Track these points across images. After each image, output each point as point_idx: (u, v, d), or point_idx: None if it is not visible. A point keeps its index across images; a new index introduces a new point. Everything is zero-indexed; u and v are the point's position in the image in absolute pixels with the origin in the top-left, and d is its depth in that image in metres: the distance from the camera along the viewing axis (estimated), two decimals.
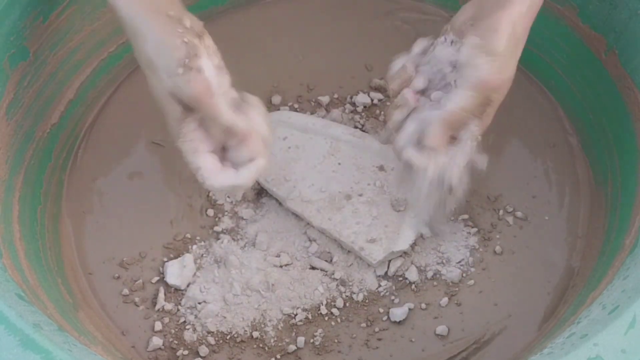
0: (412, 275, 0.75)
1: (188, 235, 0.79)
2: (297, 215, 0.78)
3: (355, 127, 0.83)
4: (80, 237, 0.79)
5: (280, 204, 0.79)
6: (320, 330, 0.73)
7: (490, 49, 0.60)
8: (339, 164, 0.78)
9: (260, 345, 0.73)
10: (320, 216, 0.76)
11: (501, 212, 0.79)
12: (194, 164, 0.62)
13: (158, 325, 0.73)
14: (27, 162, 0.75)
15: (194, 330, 0.73)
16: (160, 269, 0.77)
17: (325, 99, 0.86)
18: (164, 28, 0.59)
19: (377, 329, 0.73)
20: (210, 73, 0.60)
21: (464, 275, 0.75)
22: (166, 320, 0.74)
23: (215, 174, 0.62)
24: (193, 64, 0.58)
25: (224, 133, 0.62)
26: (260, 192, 0.81)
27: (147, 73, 0.61)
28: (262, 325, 0.73)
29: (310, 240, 0.77)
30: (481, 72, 0.61)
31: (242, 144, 0.63)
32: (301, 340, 0.72)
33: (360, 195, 0.77)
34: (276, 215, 0.79)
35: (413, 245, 0.76)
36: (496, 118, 0.84)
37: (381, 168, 0.78)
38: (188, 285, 0.75)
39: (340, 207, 0.76)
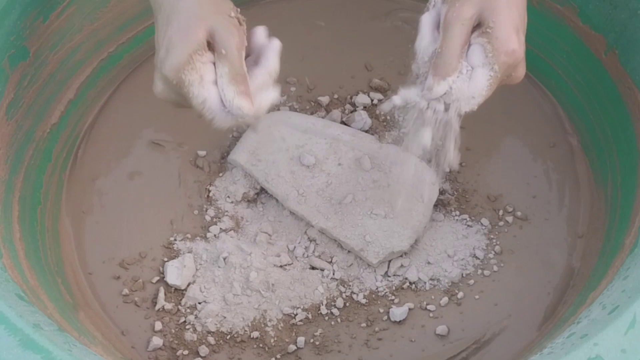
0: (412, 275, 0.75)
1: (188, 235, 0.79)
2: (297, 216, 0.78)
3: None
4: (80, 237, 0.79)
5: (280, 204, 0.79)
6: (320, 330, 0.73)
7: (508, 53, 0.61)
8: (339, 164, 0.78)
9: (261, 345, 0.73)
10: (320, 216, 0.76)
11: (501, 212, 0.79)
12: (200, 96, 0.61)
13: (158, 325, 0.73)
14: (27, 162, 0.75)
15: (194, 330, 0.73)
16: (161, 268, 0.77)
17: (325, 99, 0.86)
18: None
19: (377, 329, 0.73)
20: (244, 33, 0.62)
21: (464, 275, 0.75)
22: (166, 320, 0.74)
23: (220, 110, 0.61)
24: (240, 20, 0.62)
25: (229, 78, 0.61)
26: (260, 192, 0.81)
27: (180, 7, 0.61)
28: (262, 325, 0.73)
29: (310, 240, 0.77)
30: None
31: (239, 98, 0.61)
32: (301, 340, 0.72)
33: (360, 195, 0.77)
34: (276, 215, 0.79)
35: (413, 245, 0.76)
36: (496, 118, 0.84)
37: (380, 168, 0.78)
38: (188, 285, 0.75)
39: (340, 207, 0.76)
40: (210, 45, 0.60)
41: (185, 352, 0.72)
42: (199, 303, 0.74)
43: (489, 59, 0.62)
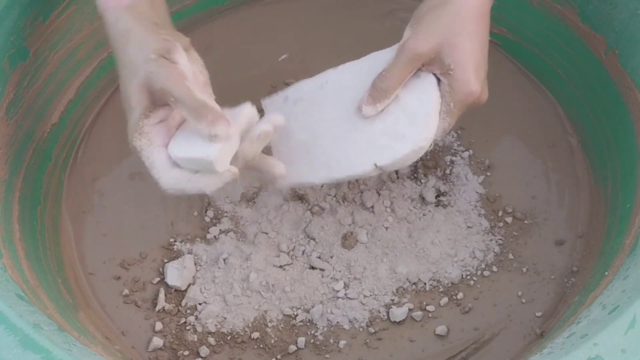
0: (412, 275, 0.75)
1: (188, 236, 0.79)
2: (297, 216, 0.78)
3: None
4: (80, 237, 0.79)
5: (280, 203, 0.79)
6: (320, 330, 0.73)
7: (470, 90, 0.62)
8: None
9: (261, 345, 0.73)
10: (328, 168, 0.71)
11: (501, 212, 0.79)
12: (149, 159, 0.61)
13: (159, 326, 0.73)
14: (27, 162, 0.75)
15: (195, 330, 0.73)
16: (161, 269, 0.77)
17: None
18: (149, 29, 0.61)
19: (377, 329, 0.73)
20: (185, 66, 0.61)
21: (464, 275, 0.75)
22: (167, 320, 0.74)
23: (166, 170, 0.60)
24: (169, 56, 0.60)
25: (196, 115, 0.59)
26: (258, 192, 0.81)
27: (122, 72, 0.61)
28: (263, 326, 0.73)
29: (310, 240, 0.77)
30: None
31: (215, 122, 0.59)
32: (301, 340, 0.72)
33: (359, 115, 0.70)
34: (275, 215, 0.79)
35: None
36: (496, 118, 0.84)
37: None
38: (188, 286, 0.75)
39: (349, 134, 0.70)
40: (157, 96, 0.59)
41: (186, 352, 0.72)
42: (199, 304, 0.74)
43: (446, 98, 0.63)
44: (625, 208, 0.70)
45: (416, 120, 0.64)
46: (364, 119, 0.66)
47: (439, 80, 0.64)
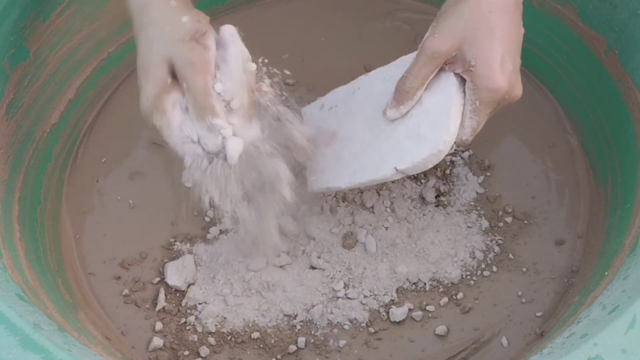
0: (412, 275, 0.75)
1: (188, 236, 0.79)
2: (297, 216, 0.78)
3: None
4: (80, 237, 0.79)
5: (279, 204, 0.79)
6: (320, 330, 0.73)
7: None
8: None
9: (261, 345, 0.73)
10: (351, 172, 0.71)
11: (501, 212, 0.79)
12: (170, 141, 0.60)
13: (159, 326, 0.73)
14: (27, 162, 0.75)
15: (195, 330, 0.73)
16: (161, 269, 0.77)
17: None
18: (182, 5, 0.60)
19: (377, 329, 0.73)
20: (214, 54, 0.60)
21: (464, 276, 0.75)
22: (167, 320, 0.74)
23: (183, 143, 0.60)
24: (201, 40, 0.59)
25: (198, 114, 0.59)
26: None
27: (141, 38, 0.59)
28: (263, 326, 0.73)
29: (310, 240, 0.77)
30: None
31: (211, 131, 0.60)
32: (302, 340, 0.72)
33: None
34: (276, 215, 0.78)
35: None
36: (496, 118, 0.84)
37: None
38: (188, 286, 0.75)
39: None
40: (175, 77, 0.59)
41: (186, 352, 0.72)
42: (200, 304, 0.74)
43: (471, 96, 0.61)
44: (625, 208, 0.70)
45: (436, 122, 0.63)
46: (390, 123, 0.66)
47: (464, 80, 0.63)
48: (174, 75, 0.59)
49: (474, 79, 0.61)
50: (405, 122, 0.65)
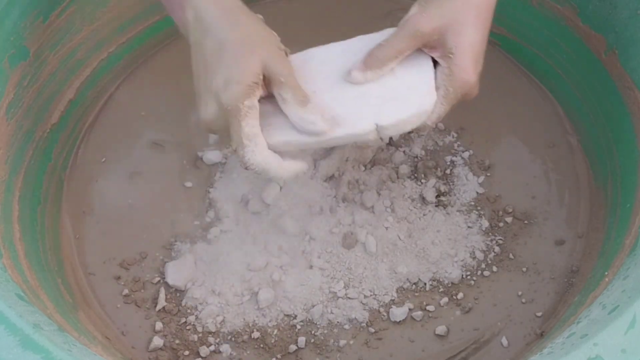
0: (412, 275, 0.75)
1: (188, 236, 0.79)
2: (297, 216, 0.78)
3: None
4: (80, 237, 0.79)
5: (279, 204, 0.79)
6: (320, 330, 0.73)
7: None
8: None
9: (261, 345, 0.73)
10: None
11: (501, 212, 0.79)
12: (251, 130, 0.61)
13: (159, 326, 0.73)
14: (27, 162, 0.75)
15: (195, 330, 0.73)
16: (161, 269, 0.77)
17: None
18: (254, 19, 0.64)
19: (377, 329, 0.73)
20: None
21: (464, 276, 0.75)
22: (167, 320, 0.74)
23: (263, 149, 0.62)
24: (286, 49, 0.64)
25: (299, 105, 0.62)
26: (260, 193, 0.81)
27: (235, 49, 0.61)
28: (263, 326, 0.73)
29: (310, 240, 0.77)
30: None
31: (315, 111, 0.62)
32: (302, 340, 0.72)
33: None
34: (276, 215, 0.78)
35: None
36: (496, 118, 0.84)
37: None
38: (188, 286, 0.75)
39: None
40: (263, 79, 0.61)
41: (186, 352, 0.72)
42: (200, 304, 0.74)
43: (444, 82, 0.62)
44: (625, 208, 0.70)
45: (417, 87, 0.63)
46: (355, 87, 0.65)
47: (435, 64, 0.63)
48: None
49: (450, 66, 0.62)
50: (377, 87, 0.64)
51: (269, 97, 0.63)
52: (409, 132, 0.69)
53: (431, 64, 0.64)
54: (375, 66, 0.63)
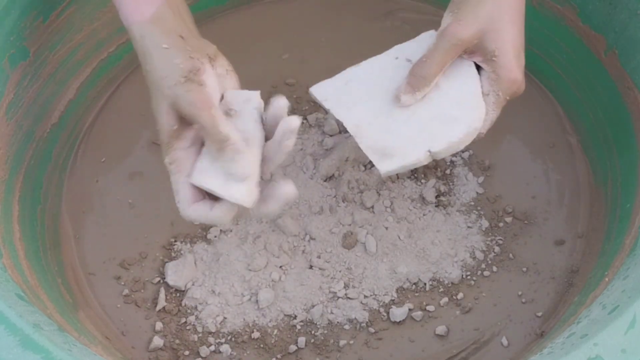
0: (412, 275, 0.75)
1: (188, 236, 0.79)
2: (297, 216, 0.78)
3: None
4: (80, 237, 0.79)
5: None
6: (320, 330, 0.73)
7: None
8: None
9: (261, 345, 0.73)
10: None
11: (501, 212, 0.79)
12: (175, 186, 0.60)
13: (159, 326, 0.73)
14: (27, 162, 0.75)
15: (195, 330, 0.73)
16: (161, 269, 0.77)
17: None
18: (174, 44, 0.59)
19: (377, 329, 0.73)
20: (212, 87, 0.59)
21: (464, 276, 0.75)
22: (167, 320, 0.74)
23: (188, 205, 0.60)
24: (196, 78, 0.58)
25: (217, 149, 0.58)
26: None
27: (151, 90, 0.60)
28: (263, 326, 0.73)
29: (310, 240, 0.77)
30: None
31: (235, 159, 0.58)
32: (302, 340, 0.72)
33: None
34: (276, 215, 0.79)
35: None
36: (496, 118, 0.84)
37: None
38: (188, 286, 0.75)
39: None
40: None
41: (186, 352, 0.72)
42: (200, 304, 0.74)
43: (493, 87, 0.61)
44: (625, 208, 0.70)
45: (464, 102, 0.62)
46: (404, 109, 0.64)
47: (478, 69, 0.63)
48: (184, 122, 0.59)
49: (496, 69, 0.61)
50: (424, 107, 0.63)
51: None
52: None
53: (475, 70, 0.63)
54: (422, 85, 0.62)
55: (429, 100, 0.63)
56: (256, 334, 0.73)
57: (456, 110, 0.62)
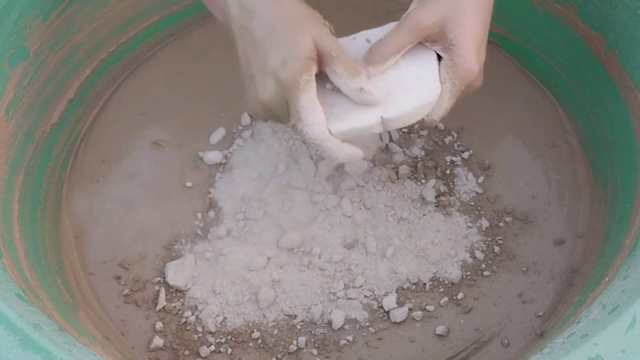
0: (412, 275, 0.75)
1: (189, 236, 0.79)
2: (297, 216, 0.78)
3: None
4: (80, 237, 0.79)
5: (279, 204, 0.79)
6: (320, 330, 0.73)
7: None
8: None
9: (261, 345, 0.73)
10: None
11: (501, 212, 0.79)
12: (309, 104, 0.60)
13: (159, 326, 0.73)
14: (27, 162, 0.75)
15: (195, 330, 0.73)
16: (161, 269, 0.77)
17: None
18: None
19: (377, 329, 0.73)
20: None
21: (464, 276, 0.75)
22: (167, 320, 0.74)
23: (325, 129, 0.62)
24: (330, 27, 0.63)
25: (352, 73, 0.61)
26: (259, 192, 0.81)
27: (292, 27, 0.61)
28: (263, 325, 0.73)
29: (310, 240, 0.77)
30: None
31: (369, 82, 0.62)
32: (302, 340, 0.72)
33: None
34: (277, 215, 0.79)
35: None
36: (496, 118, 0.84)
37: None
38: (189, 286, 0.75)
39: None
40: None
41: (186, 352, 0.72)
42: (200, 303, 0.74)
43: (449, 75, 0.62)
44: (625, 208, 0.70)
45: (421, 79, 0.63)
46: None
47: (439, 58, 0.63)
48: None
49: (453, 58, 0.62)
50: (382, 83, 0.64)
51: (320, 82, 0.62)
52: (414, 125, 0.68)
53: (435, 57, 0.64)
54: (377, 62, 0.63)
55: (387, 76, 0.64)
56: (256, 334, 0.73)
57: (413, 84, 0.64)
